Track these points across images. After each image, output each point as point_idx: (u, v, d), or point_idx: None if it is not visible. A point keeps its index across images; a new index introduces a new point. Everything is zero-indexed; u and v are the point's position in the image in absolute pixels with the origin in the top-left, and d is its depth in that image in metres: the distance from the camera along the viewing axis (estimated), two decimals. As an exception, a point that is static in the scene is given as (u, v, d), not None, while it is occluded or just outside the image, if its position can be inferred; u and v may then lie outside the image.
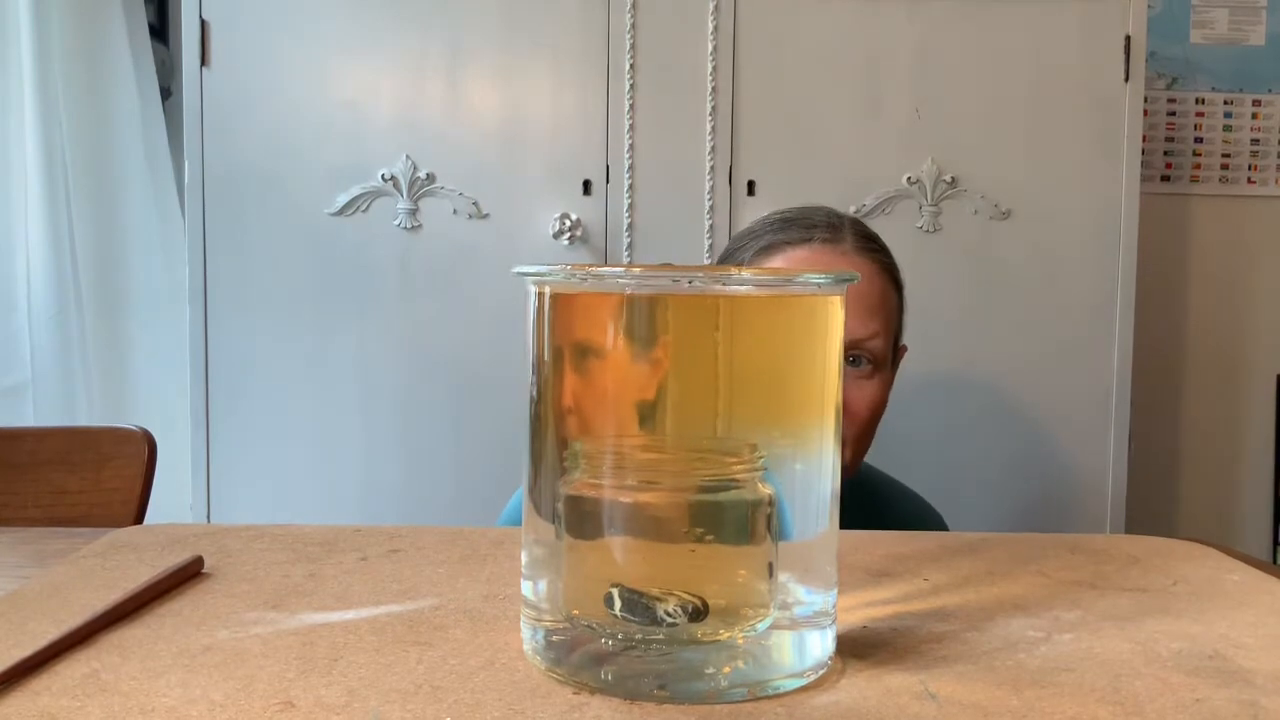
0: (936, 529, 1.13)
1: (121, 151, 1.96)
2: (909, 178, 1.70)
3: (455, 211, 1.69)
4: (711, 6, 1.67)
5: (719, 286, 0.51)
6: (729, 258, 1.08)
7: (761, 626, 0.50)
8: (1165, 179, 2.25)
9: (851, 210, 1.69)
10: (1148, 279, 1.91)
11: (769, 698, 0.48)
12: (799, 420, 0.52)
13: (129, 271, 1.99)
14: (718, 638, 0.49)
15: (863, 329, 0.97)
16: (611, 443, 0.50)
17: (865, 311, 0.98)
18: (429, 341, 1.70)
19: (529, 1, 1.68)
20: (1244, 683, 0.51)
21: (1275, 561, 2.25)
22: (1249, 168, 2.25)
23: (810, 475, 0.52)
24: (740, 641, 0.50)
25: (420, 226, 1.69)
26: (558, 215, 1.68)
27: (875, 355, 0.99)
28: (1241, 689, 0.50)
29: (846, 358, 0.95)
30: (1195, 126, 2.24)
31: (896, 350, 1.05)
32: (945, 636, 0.57)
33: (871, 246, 1.04)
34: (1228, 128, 2.24)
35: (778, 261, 1.00)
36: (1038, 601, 0.64)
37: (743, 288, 0.52)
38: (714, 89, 1.68)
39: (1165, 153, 2.25)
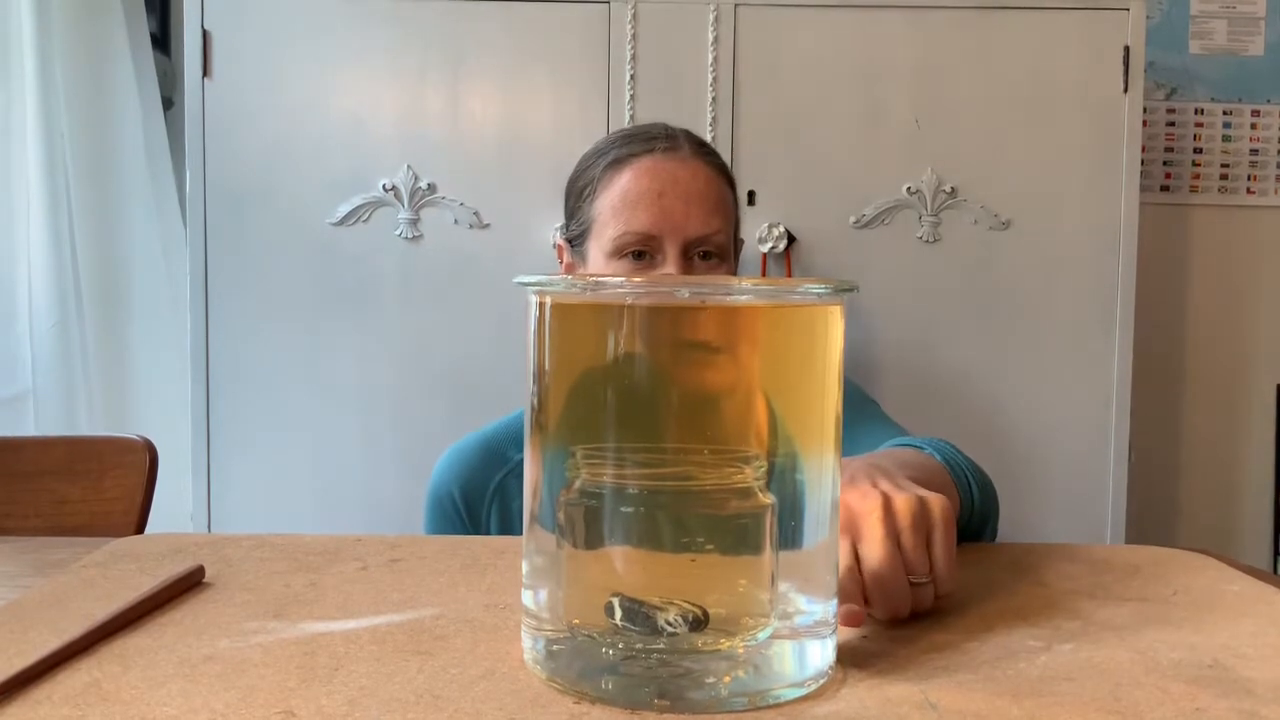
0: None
1: (123, 161, 1.97)
2: (909, 188, 1.70)
3: (456, 221, 1.69)
4: (711, 18, 1.68)
5: (719, 297, 0.51)
6: (579, 178, 1.14)
7: (762, 636, 0.50)
8: (1164, 189, 2.26)
9: (851, 221, 1.70)
10: (1147, 289, 1.91)
11: (769, 707, 0.48)
12: (799, 430, 0.52)
13: (130, 281, 1.99)
14: (718, 647, 0.49)
15: (707, 225, 1.07)
16: (612, 452, 0.50)
17: (708, 210, 1.08)
18: (430, 351, 1.70)
19: (530, 13, 1.69)
20: (1244, 692, 0.51)
21: (1275, 571, 2.25)
22: (1248, 178, 2.26)
23: (811, 485, 0.52)
24: (741, 651, 0.50)
25: (421, 236, 1.69)
26: (558, 226, 1.68)
27: (720, 248, 1.10)
28: (1241, 698, 0.50)
29: (698, 252, 1.07)
30: (1194, 137, 2.25)
31: (736, 243, 1.17)
32: (945, 646, 0.57)
33: (706, 151, 1.13)
34: (1227, 138, 2.25)
35: (627, 174, 1.08)
36: (1038, 611, 0.64)
37: (743, 298, 0.52)
38: (714, 99, 1.68)
39: (1164, 163, 2.25)
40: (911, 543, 0.64)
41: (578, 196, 1.13)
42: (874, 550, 0.62)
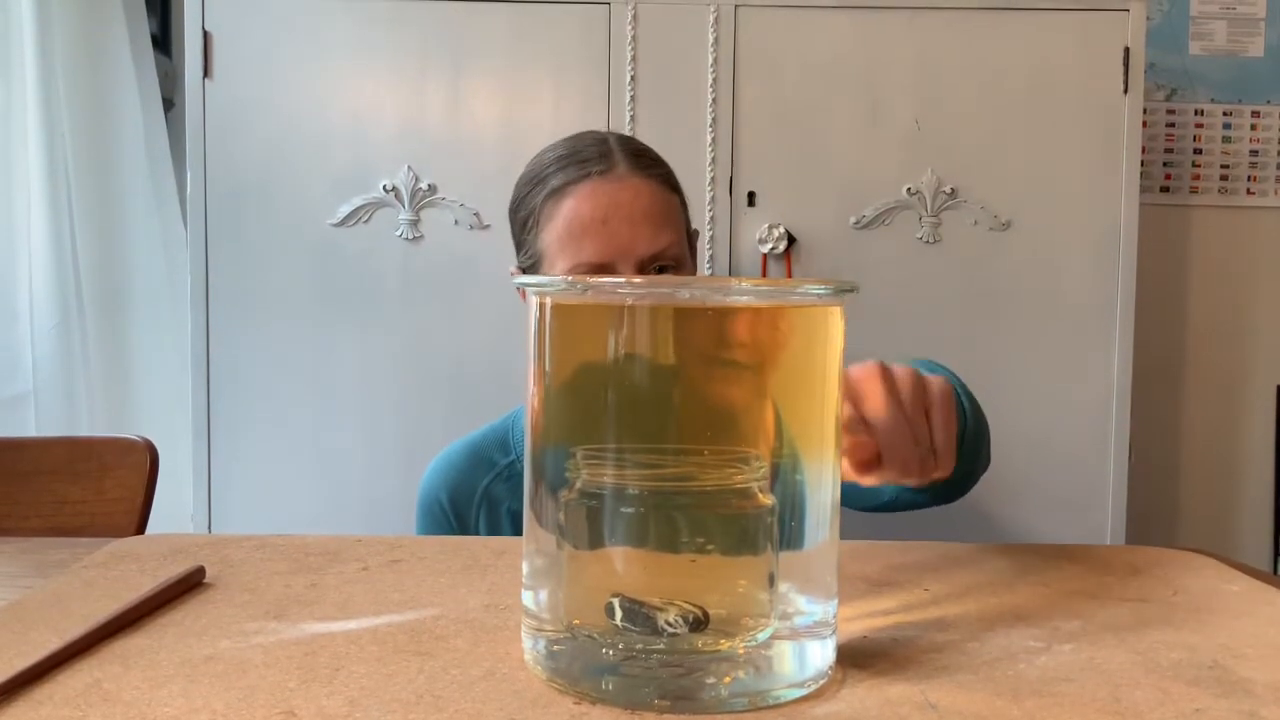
0: None
1: (124, 162, 1.97)
2: (909, 189, 1.70)
3: (456, 222, 1.69)
4: (712, 18, 1.68)
5: (719, 297, 0.51)
6: (520, 207, 1.10)
7: (762, 636, 0.50)
8: (1164, 190, 2.26)
9: (851, 222, 1.70)
10: (1147, 289, 1.91)
11: (769, 708, 0.48)
12: (799, 430, 0.52)
13: (131, 282, 1.99)
14: (718, 648, 0.49)
15: (655, 243, 1.04)
16: (612, 453, 0.50)
17: (655, 227, 1.04)
18: (430, 352, 1.71)
19: (530, 13, 1.69)
20: (1244, 693, 0.51)
21: (1275, 572, 2.25)
22: (1248, 178, 2.26)
23: (810, 485, 0.52)
24: (741, 651, 0.50)
25: (421, 237, 1.70)
26: (558, 226, 1.68)
27: (676, 259, 1.07)
28: (1242, 699, 0.50)
29: (654, 268, 1.04)
30: (1194, 138, 2.25)
31: (691, 241, 1.13)
32: (945, 647, 0.57)
33: (644, 163, 1.08)
34: (1227, 139, 2.25)
35: (567, 204, 1.04)
36: (1038, 612, 0.64)
37: (743, 298, 0.52)
38: (714, 100, 1.68)
39: (1164, 163, 2.25)
40: (911, 407, 0.64)
41: (521, 228, 1.10)
42: (877, 403, 0.62)
